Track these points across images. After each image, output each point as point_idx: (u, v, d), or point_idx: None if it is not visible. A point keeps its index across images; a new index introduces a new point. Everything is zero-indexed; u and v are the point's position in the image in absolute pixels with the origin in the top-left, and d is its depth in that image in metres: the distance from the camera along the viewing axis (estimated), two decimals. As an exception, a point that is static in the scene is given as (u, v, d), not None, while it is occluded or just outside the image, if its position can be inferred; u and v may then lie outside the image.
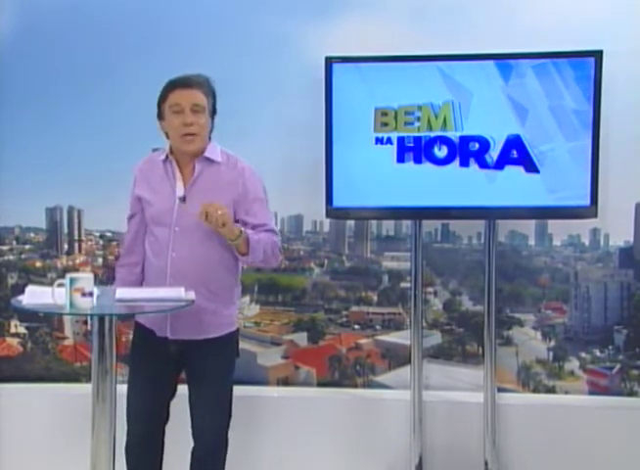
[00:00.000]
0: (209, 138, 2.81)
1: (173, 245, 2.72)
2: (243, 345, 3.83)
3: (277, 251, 2.80)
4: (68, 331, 3.89)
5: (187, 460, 2.91)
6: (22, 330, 3.88)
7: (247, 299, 3.88)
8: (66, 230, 3.94)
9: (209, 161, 2.76)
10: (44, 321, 3.86)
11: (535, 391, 3.77)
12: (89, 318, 3.51)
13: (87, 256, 3.97)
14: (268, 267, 3.10)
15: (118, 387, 2.54)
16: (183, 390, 2.90)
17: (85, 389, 2.68)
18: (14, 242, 3.97)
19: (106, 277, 3.73)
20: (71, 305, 2.31)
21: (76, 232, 3.95)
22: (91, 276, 2.36)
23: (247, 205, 2.76)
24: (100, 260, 3.96)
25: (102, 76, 3.66)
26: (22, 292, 2.53)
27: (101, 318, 2.40)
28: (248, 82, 3.64)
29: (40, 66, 3.71)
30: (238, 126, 3.62)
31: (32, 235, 4.00)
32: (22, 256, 3.97)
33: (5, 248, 3.95)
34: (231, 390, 2.88)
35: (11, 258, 3.95)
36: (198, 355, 2.79)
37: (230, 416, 2.88)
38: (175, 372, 2.87)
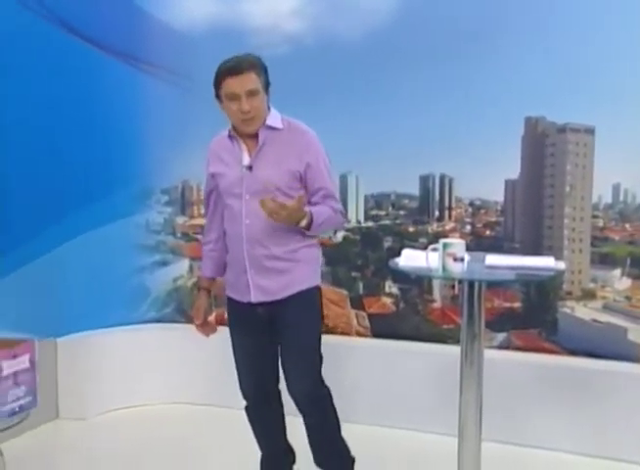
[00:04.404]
0: (269, 108, 2.83)
1: (246, 213, 2.80)
2: (612, 319, 3.74)
3: (339, 218, 2.88)
4: (436, 294, 4.08)
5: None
6: (394, 291, 4.14)
7: (617, 272, 3.73)
8: (437, 197, 4.09)
9: (272, 128, 2.81)
10: (415, 283, 4.07)
11: None
12: (456, 283, 3.70)
13: (456, 223, 4.09)
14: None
15: (485, 351, 2.61)
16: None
17: (452, 350, 2.81)
18: (389, 208, 4.24)
19: (474, 244, 3.83)
20: (444, 269, 2.43)
21: (447, 199, 4.09)
22: (463, 242, 2.45)
23: (309, 168, 2.80)
24: (468, 228, 4.07)
25: (473, 52, 3.73)
26: (395, 255, 2.73)
27: (470, 284, 2.49)
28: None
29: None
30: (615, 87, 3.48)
31: (406, 201, 4.23)
32: (397, 221, 4.22)
33: (382, 213, 4.24)
34: (318, 341, 2.90)
35: (387, 222, 4.22)
36: (282, 311, 2.84)
37: (319, 365, 2.90)
38: (271, 336, 2.92)
